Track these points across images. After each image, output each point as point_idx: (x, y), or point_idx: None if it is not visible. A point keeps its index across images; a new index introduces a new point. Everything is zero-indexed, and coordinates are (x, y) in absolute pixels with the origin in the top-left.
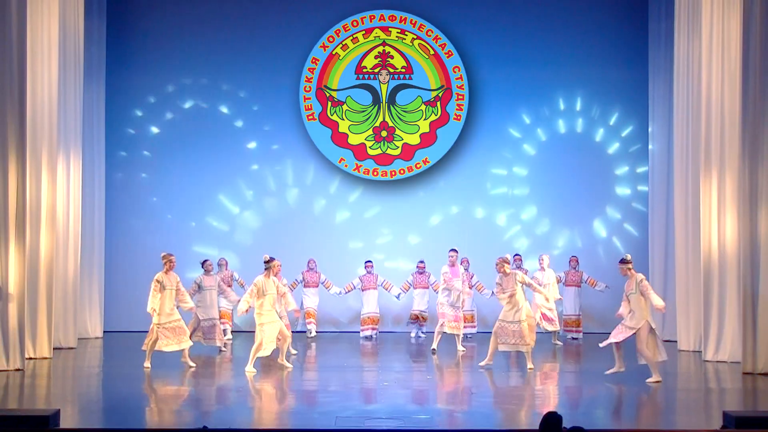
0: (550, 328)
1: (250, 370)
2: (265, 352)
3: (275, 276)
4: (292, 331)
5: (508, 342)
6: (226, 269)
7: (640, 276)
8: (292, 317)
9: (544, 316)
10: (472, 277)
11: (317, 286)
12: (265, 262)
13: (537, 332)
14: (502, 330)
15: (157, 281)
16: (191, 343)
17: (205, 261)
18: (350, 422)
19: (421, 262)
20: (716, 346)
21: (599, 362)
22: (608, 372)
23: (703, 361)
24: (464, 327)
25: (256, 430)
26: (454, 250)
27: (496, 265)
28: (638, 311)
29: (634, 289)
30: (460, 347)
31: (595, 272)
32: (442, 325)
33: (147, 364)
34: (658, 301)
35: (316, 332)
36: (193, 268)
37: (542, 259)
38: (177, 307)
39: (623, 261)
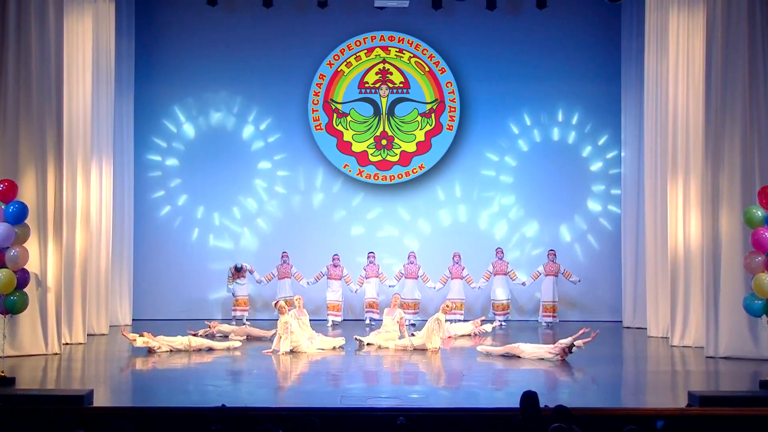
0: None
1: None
2: None
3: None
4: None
5: None
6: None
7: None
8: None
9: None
10: (463, 269)
11: (339, 279)
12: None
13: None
14: None
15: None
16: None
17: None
18: (354, 401)
19: (412, 253)
20: (682, 333)
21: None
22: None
23: (670, 346)
24: (453, 312)
25: (270, 408)
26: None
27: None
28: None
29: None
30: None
31: (571, 265)
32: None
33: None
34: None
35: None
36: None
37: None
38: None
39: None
